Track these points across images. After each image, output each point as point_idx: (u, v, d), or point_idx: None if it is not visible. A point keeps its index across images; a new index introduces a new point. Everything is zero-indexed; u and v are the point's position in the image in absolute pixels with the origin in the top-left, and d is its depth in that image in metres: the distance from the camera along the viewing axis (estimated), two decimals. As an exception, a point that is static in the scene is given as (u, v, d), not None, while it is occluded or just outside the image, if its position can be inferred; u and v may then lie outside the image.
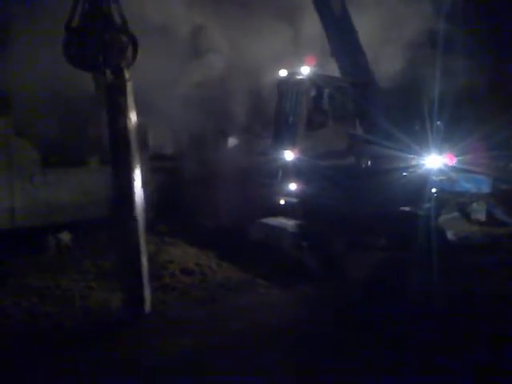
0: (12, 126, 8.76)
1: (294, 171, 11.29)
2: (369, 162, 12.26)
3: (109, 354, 7.17)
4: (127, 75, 7.86)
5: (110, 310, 8.62)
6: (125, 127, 8.01)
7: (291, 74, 11.76)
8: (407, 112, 12.36)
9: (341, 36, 12.18)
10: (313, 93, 11.70)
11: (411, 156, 11.67)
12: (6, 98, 8.43)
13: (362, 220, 10.55)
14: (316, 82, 11.58)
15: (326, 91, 11.73)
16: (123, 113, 7.89)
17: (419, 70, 13.69)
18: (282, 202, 11.54)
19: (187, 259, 10.70)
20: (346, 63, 12.19)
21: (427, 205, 10.96)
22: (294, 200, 11.38)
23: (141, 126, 13.62)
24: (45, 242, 11.32)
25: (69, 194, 11.79)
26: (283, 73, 11.78)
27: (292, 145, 11.36)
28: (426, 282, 8.93)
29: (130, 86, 7.89)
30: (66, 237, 11.52)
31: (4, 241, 10.62)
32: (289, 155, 11.29)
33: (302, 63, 11.56)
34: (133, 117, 7.99)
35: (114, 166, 8.30)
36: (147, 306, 8.33)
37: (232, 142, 14.16)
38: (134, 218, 8.08)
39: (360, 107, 12.14)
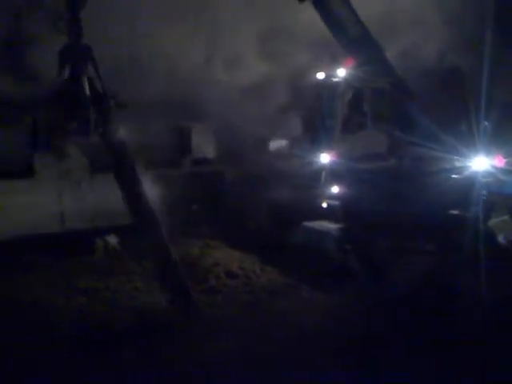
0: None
1: (331, 174, 11.22)
2: (412, 164, 12.05)
3: (155, 354, 7.30)
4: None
5: (157, 311, 8.78)
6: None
7: (328, 76, 11.69)
8: (453, 112, 12.09)
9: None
10: (349, 95, 11.59)
11: (457, 157, 11.39)
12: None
13: (408, 223, 10.36)
14: (353, 83, 11.46)
15: (364, 93, 11.60)
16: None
17: (466, 67, 13.39)
18: (325, 204, 11.47)
19: (231, 262, 10.78)
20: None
21: (475, 208, 10.67)
22: (336, 203, 11.30)
23: (184, 130, 14.02)
24: (93, 245, 11.64)
25: (115, 198, 12.07)
26: (320, 75, 11.71)
27: (328, 147, 11.31)
28: (475, 286, 8.70)
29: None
30: (113, 240, 11.81)
31: (54, 244, 11.01)
32: (325, 158, 11.25)
33: (340, 65, 11.45)
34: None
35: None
36: (193, 309, 8.44)
37: (274, 145, 14.19)
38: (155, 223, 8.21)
39: (400, 108, 11.95)
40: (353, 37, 11.13)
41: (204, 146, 14.07)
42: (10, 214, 10.89)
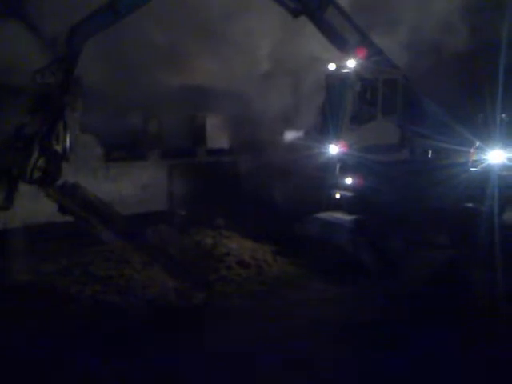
0: (78, 122, 9.18)
1: (342, 165, 11.18)
2: (426, 157, 11.96)
3: (168, 339, 7.39)
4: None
5: (170, 299, 8.88)
6: None
7: (339, 68, 11.61)
8: (469, 104, 11.95)
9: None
10: (359, 86, 11.50)
11: (472, 150, 11.27)
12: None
13: (421, 216, 10.30)
14: (362, 75, 11.37)
15: (374, 84, 11.51)
16: None
17: (482, 58, 13.22)
18: (338, 196, 11.44)
19: (243, 252, 10.83)
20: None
21: (490, 201, 10.57)
22: (350, 194, 11.27)
23: (198, 118, 14.06)
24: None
25: (130, 188, 12.21)
26: (331, 66, 11.64)
27: (337, 139, 11.27)
28: (489, 281, 8.65)
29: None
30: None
31: (69, 232, 11.14)
32: (333, 149, 11.22)
33: (353, 55, 11.38)
34: None
35: None
36: (205, 297, 8.52)
37: (289, 135, 14.16)
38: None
39: (413, 99, 11.84)
40: (351, 44, 11.18)
41: (218, 136, 14.09)
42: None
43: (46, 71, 8.70)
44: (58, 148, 8.73)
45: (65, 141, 8.80)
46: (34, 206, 10.83)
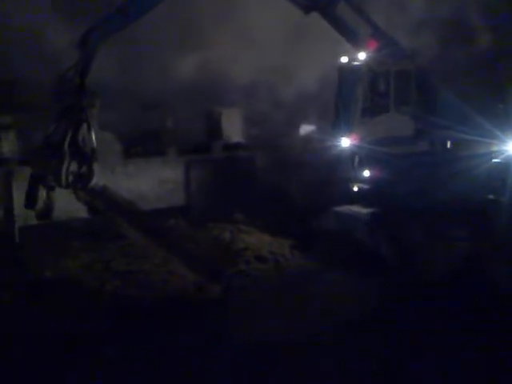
0: (97, 118, 9.33)
1: (357, 158, 11.12)
2: (445, 148, 11.82)
3: (186, 334, 7.49)
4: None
5: (189, 294, 8.98)
6: None
7: (351, 60, 11.53)
8: (488, 94, 11.76)
9: None
10: (370, 78, 11.41)
11: (492, 141, 11.11)
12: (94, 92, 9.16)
13: (440, 208, 10.21)
14: (374, 67, 11.27)
15: (386, 76, 11.39)
16: None
17: (503, 47, 13.00)
18: (356, 188, 11.40)
19: (261, 247, 10.89)
20: None
21: (511, 192, 10.42)
22: (367, 187, 11.21)
23: (214, 114, 14.10)
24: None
25: (148, 184, 12.32)
26: (343, 59, 11.57)
27: (349, 131, 11.21)
28: (509, 275, 8.54)
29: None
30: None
31: (89, 229, 11.32)
32: (345, 142, 11.16)
33: (364, 48, 11.30)
34: None
35: None
36: (224, 291, 8.59)
37: (304, 129, 14.13)
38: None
39: (429, 90, 11.69)
40: (363, 36, 11.08)
41: (234, 131, 14.11)
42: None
43: (63, 78, 8.88)
44: (87, 149, 8.93)
45: (91, 141, 8.98)
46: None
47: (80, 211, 10.69)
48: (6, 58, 12.09)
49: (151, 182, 12.42)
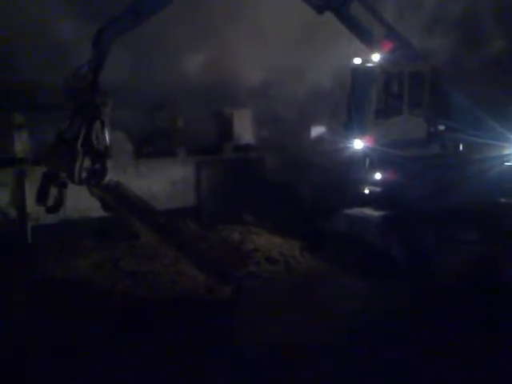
0: (109, 118, 9.39)
1: (369, 160, 11.08)
2: (457, 151, 11.74)
3: (193, 335, 7.50)
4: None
5: (198, 295, 8.98)
6: None
7: (364, 62, 11.49)
8: (501, 97, 11.68)
9: None
10: (384, 80, 11.36)
11: (505, 144, 11.03)
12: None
13: (453, 211, 10.14)
14: (388, 68, 11.22)
15: (399, 78, 11.33)
16: None
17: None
18: (367, 191, 11.36)
19: (271, 248, 10.88)
20: None
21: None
22: (379, 189, 11.16)
23: (225, 114, 14.11)
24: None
25: (159, 184, 12.35)
26: (357, 60, 11.53)
27: (362, 133, 11.17)
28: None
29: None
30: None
31: (100, 228, 11.37)
32: (358, 144, 11.12)
33: (378, 49, 11.24)
34: None
35: None
36: (233, 293, 8.59)
37: (315, 131, 14.09)
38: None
39: (442, 93, 11.62)
40: (377, 37, 11.04)
41: (245, 132, 14.11)
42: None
43: (76, 75, 8.95)
44: (100, 147, 8.98)
45: (104, 139, 9.04)
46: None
47: (91, 210, 10.72)
48: (19, 57, 12.19)
49: (162, 183, 12.46)
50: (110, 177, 9.27)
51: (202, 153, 13.43)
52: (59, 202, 9.07)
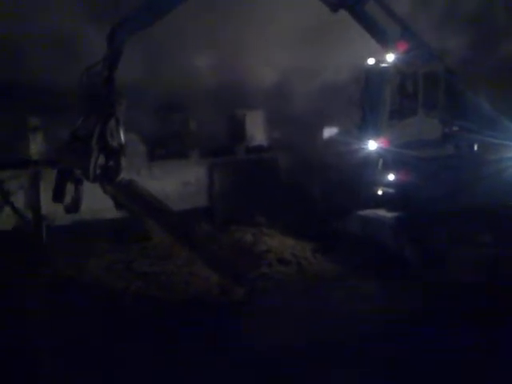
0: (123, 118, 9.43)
1: (383, 161, 11.01)
2: (472, 152, 11.63)
3: (206, 336, 7.52)
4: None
5: (211, 296, 8.99)
6: None
7: (378, 62, 11.42)
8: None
9: None
10: (398, 81, 11.28)
11: None
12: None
13: (467, 213, 10.03)
14: (402, 68, 11.13)
15: (414, 78, 11.24)
16: None
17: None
18: (380, 192, 11.29)
19: (284, 249, 10.86)
20: None
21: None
22: (392, 191, 11.09)
23: (238, 117, 14.14)
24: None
25: (172, 186, 12.40)
26: (371, 61, 11.47)
27: (376, 134, 11.09)
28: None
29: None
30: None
31: (114, 229, 11.45)
32: (372, 145, 11.05)
33: (394, 49, 11.15)
34: None
35: None
36: (246, 294, 8.59)
37: (328, 132, 14.04)
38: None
39: (456, 93, 11.50)
40: (392, 37, 10.95)
41: (257, 133, 14.11)
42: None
43: (91, 71, 8.98)
44: (115, 144, 8.99)
45: (119, 136, 9.04)
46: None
47: (105, 211, 10.80)
48: (33, 60, 12.34)
49: (175, 184, 12.51)
50: (124, 175, 9.25)
51: (215, 154, 13.46)
52: (78, 201, 9.06)
